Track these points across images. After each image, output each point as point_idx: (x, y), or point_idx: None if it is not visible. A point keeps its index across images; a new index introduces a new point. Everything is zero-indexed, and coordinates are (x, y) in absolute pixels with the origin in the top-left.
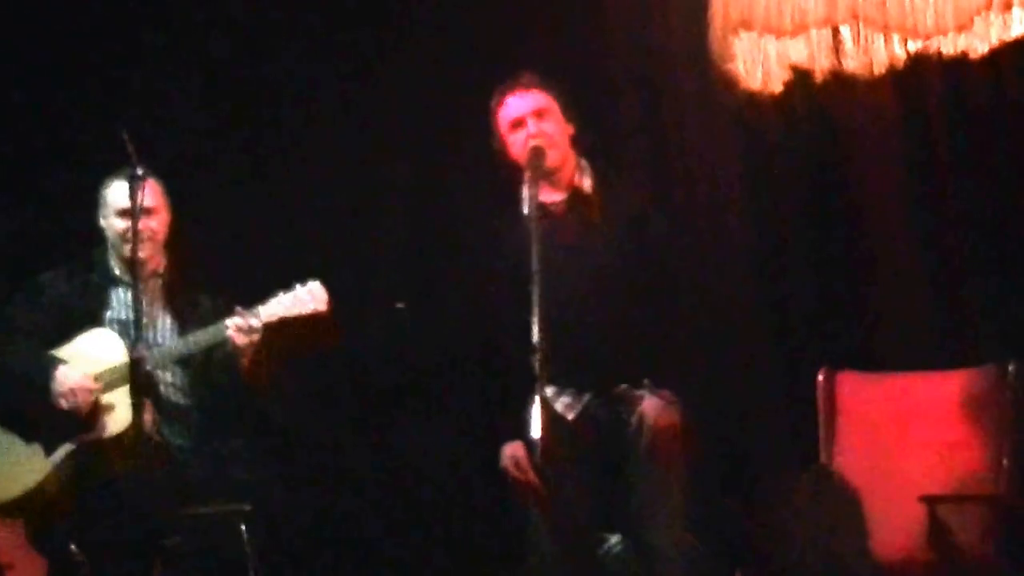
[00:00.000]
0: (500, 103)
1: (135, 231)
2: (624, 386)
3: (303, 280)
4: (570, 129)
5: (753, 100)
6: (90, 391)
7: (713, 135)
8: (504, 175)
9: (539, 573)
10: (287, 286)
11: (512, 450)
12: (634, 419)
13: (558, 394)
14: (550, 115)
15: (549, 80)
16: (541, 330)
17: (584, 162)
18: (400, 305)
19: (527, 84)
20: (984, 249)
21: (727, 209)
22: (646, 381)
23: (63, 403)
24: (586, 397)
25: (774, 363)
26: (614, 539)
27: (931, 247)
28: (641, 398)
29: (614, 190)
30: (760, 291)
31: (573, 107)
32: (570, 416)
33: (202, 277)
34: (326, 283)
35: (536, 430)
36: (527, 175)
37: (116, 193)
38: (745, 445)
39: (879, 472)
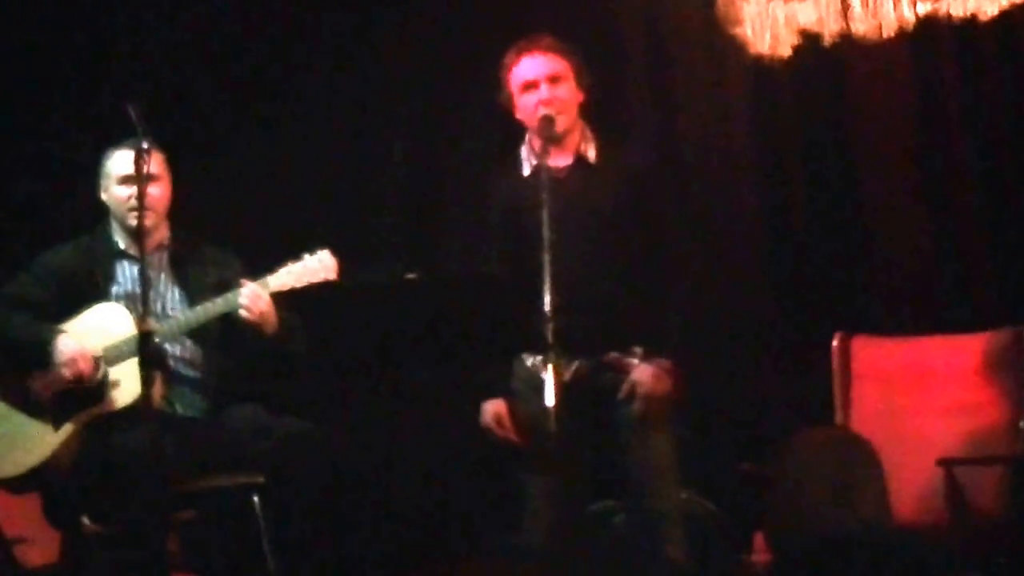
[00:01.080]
0: (515, 62)
1: (141, 201)
2: (614, 353)
3: (312, 249)
4: (580, 96)
5: (762, 64)
6: (91, 360)
7: (721, 99)
8: (506, 134)
9: (537, 539)
10: (295, 254)
11: (494, 407)
12: (625, 387)
13: (543, 362)
14: (564, 81)
15: (565, 45)
16: (552, 297)
17: (588, 131)
18: (411, 276)
19: (544, 47)
20: (997, 211)
21: (736, 173)
22: (637, 348)
23: (65, 372)
24: (575, 364)
25: (787, 326)
26: (618, 508)
27: (942, 210)
28: (632, 366)
29: (616, 157)
30: (771, 254)
31: (586, 74)
32: None
33: (208, 248)
34: (333, 250)
35: (550, 398)
36: (532, 140)
37: (118, 162)
38: (759, 408)
39: (895, 435)
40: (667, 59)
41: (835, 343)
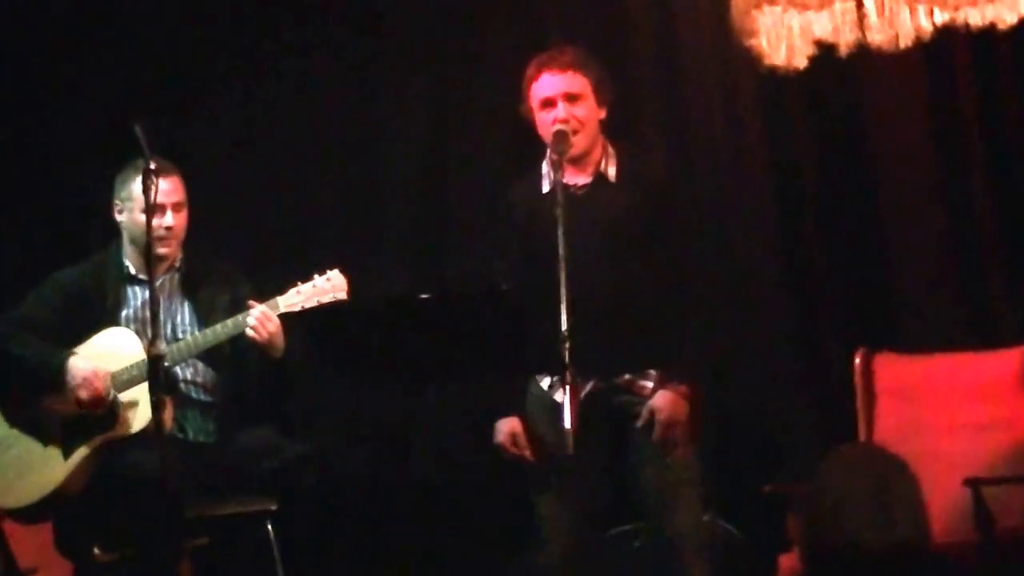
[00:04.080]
0: (535, 77)
1: (149, 225)
2: (627, 375)
3: (322, 269)
4: (601, 113)
5: (777, 76)
6: (102, 382)
7: (736, 112)
8: (520, 146)
9: (552, 561)
10: (306, 275)
11: (509, 425)
12: (644, 413)
13: (559, 383)
14: (582, 99)
15: (586, 60)
16: (569, 316)
17: (611, 148)
18: (424, 296)
19: (563, 64)
20: (1021, 223)
21: (752, 188)
22: (652, 371)
23: (81, 394)
24: (589, 386)
25: (807, 343)
26: (637, 532)
27: (964, 222)
28: (647, 388)
29: (636, 172)
30: (789, 269)
31: (607, 90)
32: None
33: (219, 266)
34: (344, 269)
35: (567, 420)
36: (550, 157)
37: (141, 187)
38: (781, 428)
39: (920, 453)
40: (679, 71)
41: (857, 360)
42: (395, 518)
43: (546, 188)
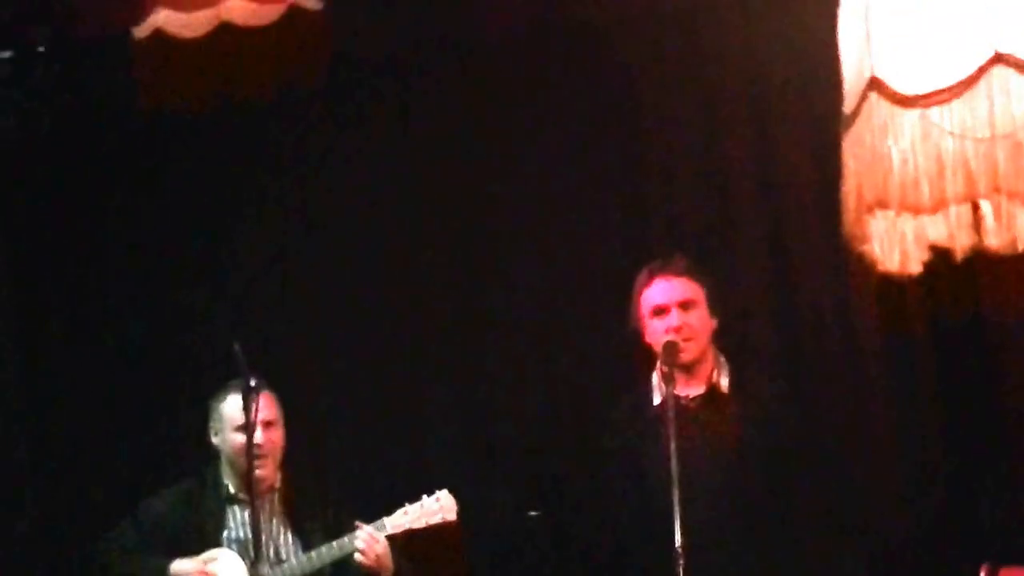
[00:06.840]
0: (647, 284)
1: (250, 445)
2: None
3: (430, 491)
4: (713, 323)
5: (891, 282)
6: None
7: (851, 320)
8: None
9: None
10: (413, 497)
11: None
12: None
13: None
14: (696, 307)
15: (699, 269)
16: (683, 534)
17: (723, 358)
18: (533, 513)
19: (677, 270)
20: None
21: (868, 398)
22: None
23: None
24: None
25: (928, 560)
26: None
27: None
28: None
29: (751, 388)
30: (907, 481)
31: (719, 300)
32: None
33: (321, 490)
34: (453, 492)
35: None
36: (660, 368)
37: (233, 407)
38: None
39: None
40: (792, 279)
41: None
42: None
43: (657, 400)
